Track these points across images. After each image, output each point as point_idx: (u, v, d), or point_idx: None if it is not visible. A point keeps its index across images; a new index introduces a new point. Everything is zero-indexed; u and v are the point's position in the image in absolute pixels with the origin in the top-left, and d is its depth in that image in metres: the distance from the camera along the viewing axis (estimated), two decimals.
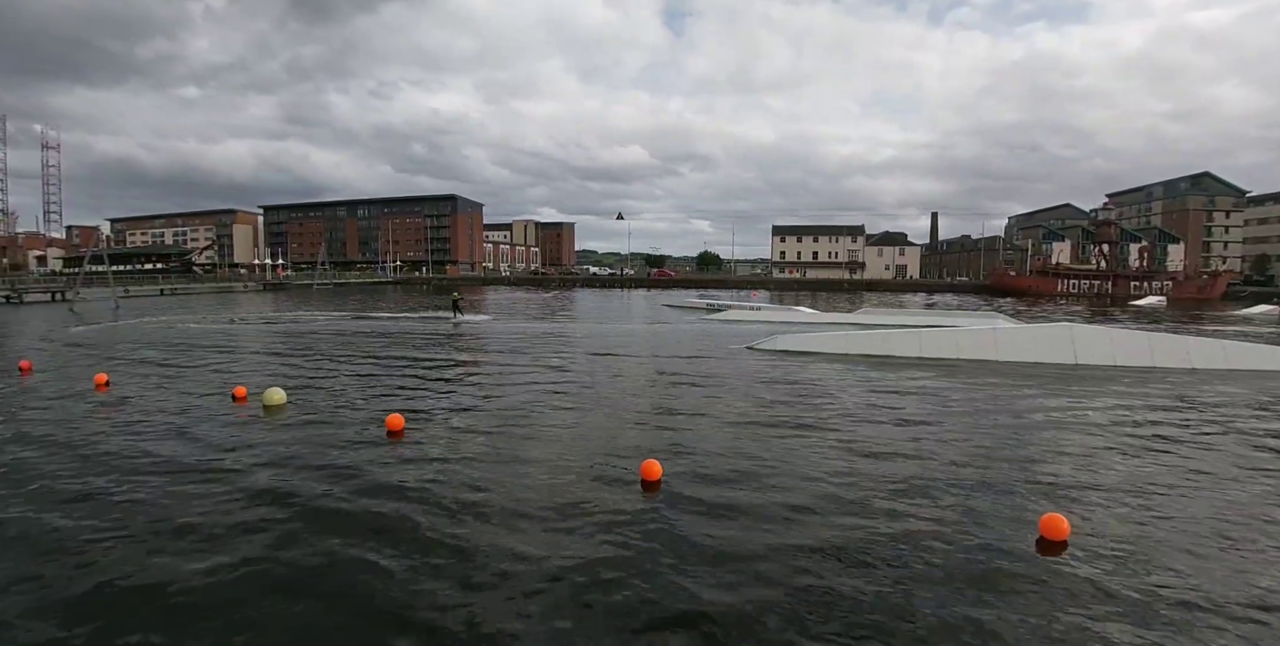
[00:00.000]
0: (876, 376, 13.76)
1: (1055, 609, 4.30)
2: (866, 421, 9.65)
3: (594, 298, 52.95)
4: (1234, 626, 4.09)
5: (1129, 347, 16.24)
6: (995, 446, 8.45)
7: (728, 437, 8.50)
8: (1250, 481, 7.09)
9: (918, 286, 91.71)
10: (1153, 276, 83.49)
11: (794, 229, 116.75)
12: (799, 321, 27.90)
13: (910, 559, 5.00)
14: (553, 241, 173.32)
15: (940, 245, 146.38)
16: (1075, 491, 6.67)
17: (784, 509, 5.99)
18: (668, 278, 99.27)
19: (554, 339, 20.51)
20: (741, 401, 10.88)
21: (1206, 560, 5.06)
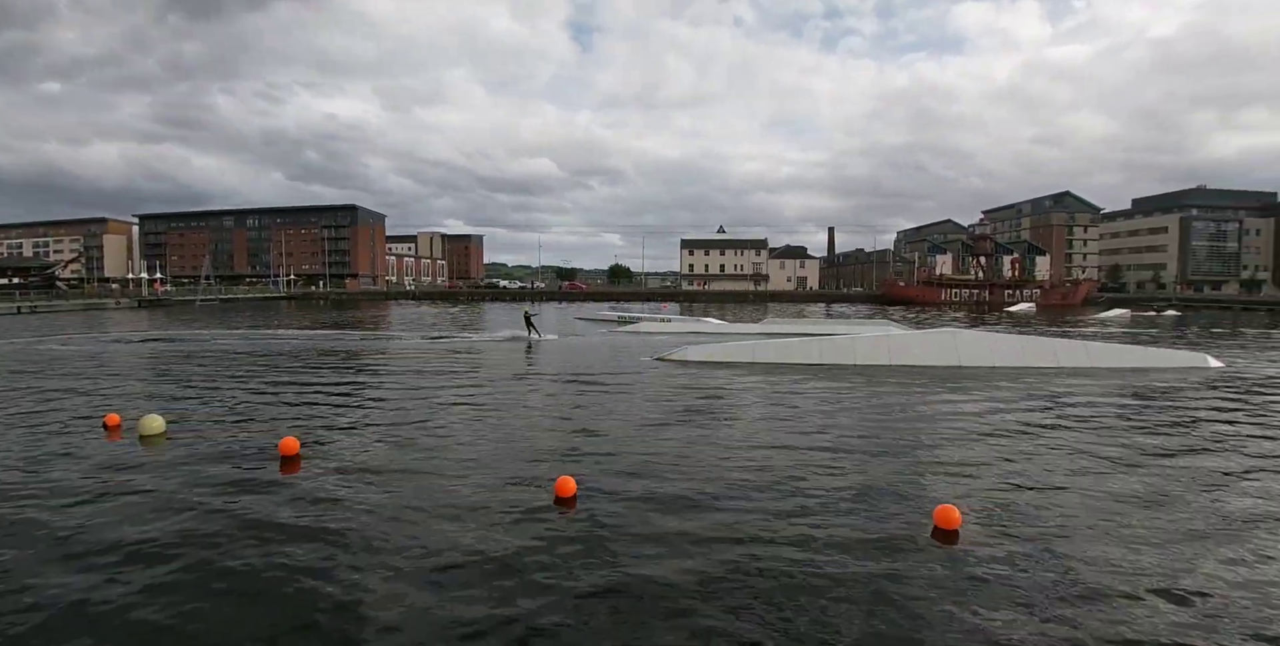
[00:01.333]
0: (780, 383, 14.28)
1: (953, 595, 4.58)
2: (771, 425, 10.00)
3: (504, 311, 51.87)
4: (1113, 602, 4.51)
5: (1005, 350, 17.74)
6: (890, 444, 8.96)
7: (640, 449, 8.52)
8: (1114, 466, 7.87)
9: (817, 297, 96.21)
10: (1023, 285, 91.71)
11: (702, 242, 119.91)
12: (708, 332, 28.72)
13: (818, 557, 5.19)
14: (460, 254, 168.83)
15: (837, 258, 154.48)
16: (963, 481, 7.17)
17: (697, 514, 6.07)
18: (579, 291, 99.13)
19: (461, 355, 19.96)
20: (651, 412, 10.97)
21: (1085, 538, 5.56)
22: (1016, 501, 6.57)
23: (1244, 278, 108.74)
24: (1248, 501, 6.64)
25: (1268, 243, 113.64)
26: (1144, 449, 8.84)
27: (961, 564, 5.09)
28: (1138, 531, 5.78)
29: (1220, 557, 5.21)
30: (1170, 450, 8.79)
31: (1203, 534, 5.73)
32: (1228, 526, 5.92)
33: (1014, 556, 5.21)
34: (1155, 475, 7.55)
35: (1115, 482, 7.23)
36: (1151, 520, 6.06)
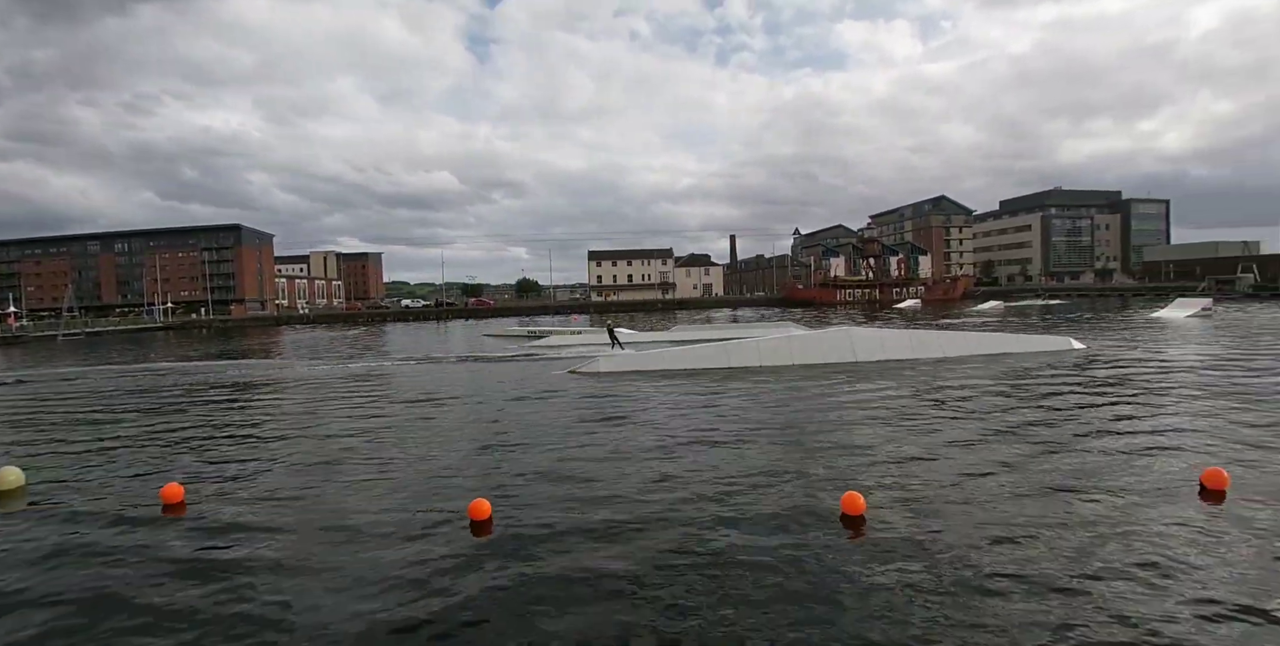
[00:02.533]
0: (692, 388, 14.60)
1: (861, 577, 4.85)
2: (684, 428, 10.19)
3: (408, 332, 50.00)
4: (1003, 567, 4.92)
5: (896, 344, 18.96)
6: (795, 437, 9.38)
7: (557, 463, 8.47)
8: (999, 441, 8.59)
9: (723, 303, 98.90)
10: (909, 283, 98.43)
11: (609, 253, 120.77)
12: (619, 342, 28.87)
13: (737, 547, 5.36)
14: (358, 274, 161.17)
15: (739, 264, 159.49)
16: (866, 468, 7.60)
17: (616, 526, 6.11)
18: (486, 306, 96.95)
19: (363, 381, 19.08)
20: (567, 426, 10.93)
21: (975, 511, 6.03)
22: (913, 483, 7.03)
23: (1098, 268, 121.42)
24: (1121, 459, 7.43)
25: (1116, 236, 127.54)
26: (1021, 425, 9.72)
27: (868, 545, 5.39)
28: (1023, 505, 6.33)
29: (1084, 514, 5.82)
30: (1043, 422, 9.71)
31: (1079, 499, 6.37)
32: (1093, 486, 6.60)
33: (913, 535, 5.58)
34: (1033, 447, 8.31)
35: (1000, 456, 7.89)
36: (1039, 495, 6.66)
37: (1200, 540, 5.37)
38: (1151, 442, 8.68)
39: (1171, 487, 6.74)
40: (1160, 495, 6.52)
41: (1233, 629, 4.02)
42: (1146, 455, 8.05)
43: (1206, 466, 6.98)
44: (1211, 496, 6.43)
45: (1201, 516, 5.93)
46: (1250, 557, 5.03)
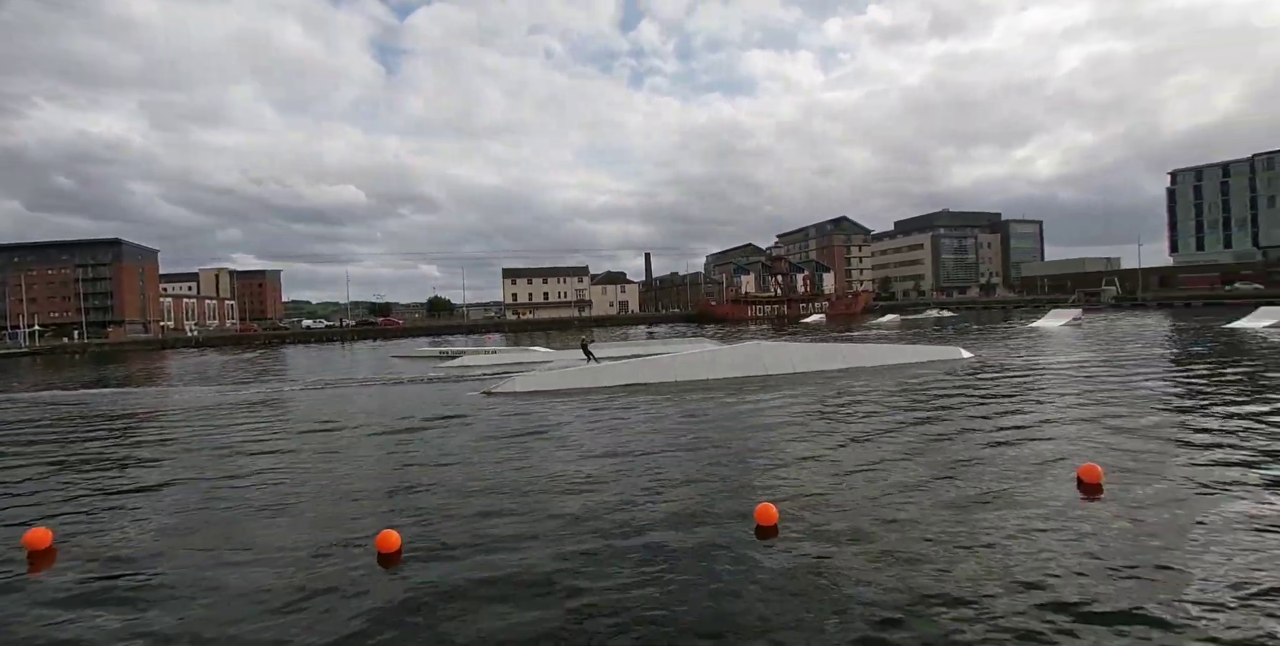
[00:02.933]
0: (609, 404, 14.56)
1: (776, 588, 4.94)
2: (603, 446, 10.13)
3: (309, 355, 47.26)
4: (908, 562, 5.13)
5: (803, 356, 19.71)
6: (711, 451, 9.51)
7: (471, 487, 8.18)
8: (897, 446, 9.02)
9: (639, 319, 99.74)
10: (815, 299, 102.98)
11: (524, 271, 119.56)
12: (535, 361, 28.46)
13: (654, 563, 5.34)
14: (254, 292, 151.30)
15: (654, 282, 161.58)
16: (778, 477, 7.79)
17: (531, 551, 5.97)
18: (395, 326, 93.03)
19: (259, 408, 17.81)
20: (483, 448, 10.59)
21: (879, 511, 6.28)
22: (822, 490, 7.27)
23: (982, 282, 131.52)
24: (1008, 459, 7.97)
25: (997, 253, 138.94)
26: (918, 430, 10.29)
27: (781, 556, 5.51)
28: (925, 508, 6.66)
29: (976, 510, 6.20)
30: (937, 427, 10.31)
31: (972, 498, 6.77)
32: (984, 484, 7.05)
33: (823, 540, 5.75)
34: (929, 450, 8.80)
35: (900, 460, 8.30)
36: (935, 493, 7.03)
37: (1078, 529, 5.82)
38: (1034, 442, 9.41)
39: (1053, 483, 7.30)
40: (1043, 490, 7.05)
41: (1105, 609, 4.37)
42: (1029, 454, 8.71)
43: (1082, 462, 7.62)
44: (1088, 489, 7.01)
45: (1079, 509, 6.45)
46: (1121, 543, 5.50)
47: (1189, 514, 6.13)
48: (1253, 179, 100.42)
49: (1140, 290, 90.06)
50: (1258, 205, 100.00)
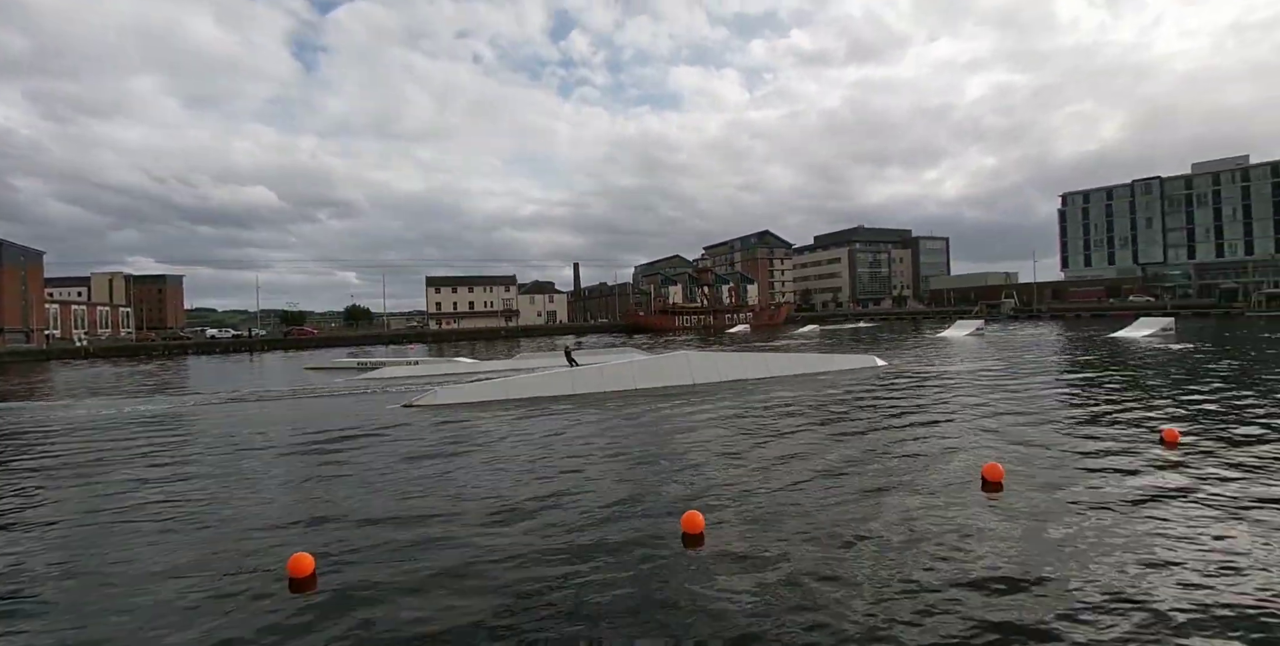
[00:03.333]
0: (537, 416, 14.37)
1: (702, 594, 4.99)
2: (529, 458, 9.97)
3: (214, 366, 44.28)
4: (829, 560, 5.28)
5: (728, 365, 20.13)
6: (640, 460, 9.53)
7: (386, 507, 7.85)
8: (817, 450, 9.31)
9: (567, 330, 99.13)
10: (739, 310, 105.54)
11: (449, 280, 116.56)
12: (459, 372, 27.76)
13: (582, 569, 5.29)
14: (153, 299, 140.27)
15: (583, 292, 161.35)
16: (704, 484, 7.88)
17: (453, 566, 5.79)
18: (309, 336, 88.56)
19: (156, 424, 16.52)
20: (401, 463, 10.19)
21: (802, 514, 6.45)
22: (747, 494, 7.41)
23: (895, 295, 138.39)
24: (920, 461, 8.36)
25: (908, 268, 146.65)
26: (837, 434, 10.68)
27: (706, 562, 5.57)
28: (845, 509, 6.90)
29: (891, 508, 6.48)
30: (854, 431, 10.73)
31: (888, 498, 7.06)
32: (897, 484, 7.38)
33: (749, 545, 5.86)
34: (848, 453, 9.13)
35: (822, 463, 8.58)
36: (854, 495, 7.29)
37: (978, 524, 6.18)
38: (942, 443, 9.96)
39: (959, 482, 7.75)
40: (950, 489, 7.46)
41: (1006, 593, 4.66)
42: (938, 454, 9.21)
43: (986, 462, 8.11)
44: (991, 487, 7.47)
45: (980, 502, 6.86)
46: (1020, 535, 5.87)
47: (1078, 505, 6.62)
48: (1133, 202, 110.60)
49: (1035, 302, 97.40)
50: (1137, 226, 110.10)
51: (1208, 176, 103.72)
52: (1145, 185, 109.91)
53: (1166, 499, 6.89)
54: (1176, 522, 6.15)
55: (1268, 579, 4.87)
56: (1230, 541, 5.64)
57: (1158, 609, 4.47)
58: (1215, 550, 5.46)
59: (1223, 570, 5.06)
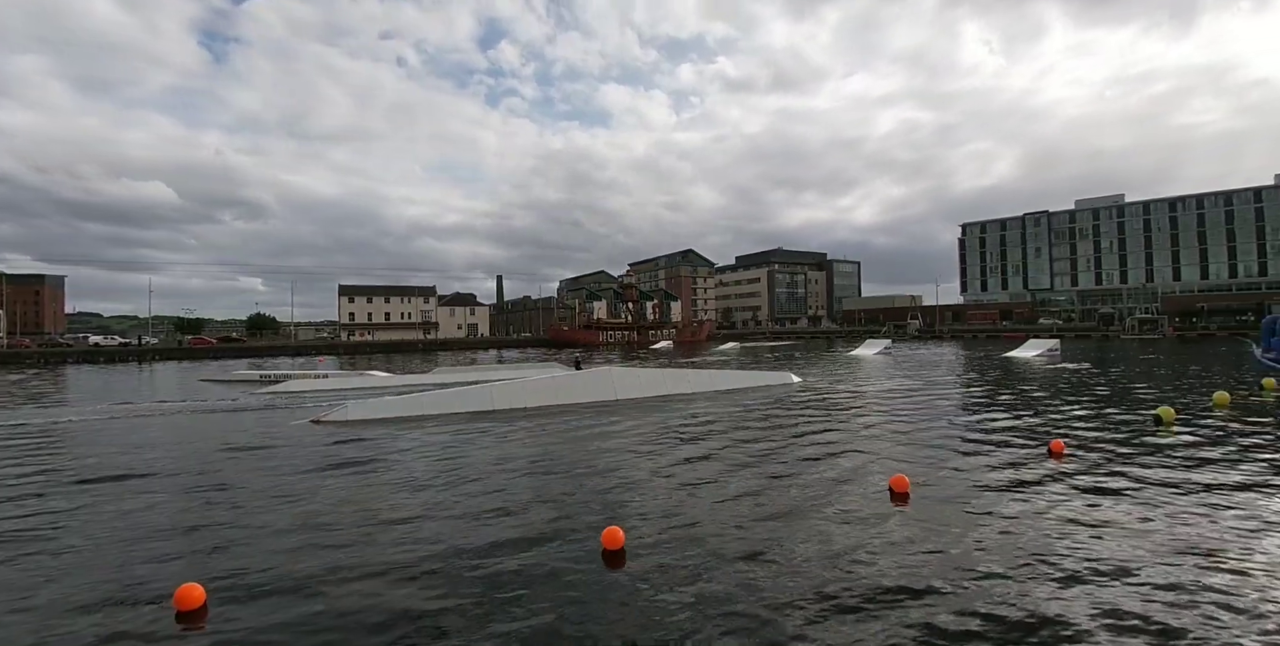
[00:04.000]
0: (453, 431, 13.96)
1: (623, 611, 4.94)
2: (444, 476, 9.65)
3: (98, 376, 40.50)
4: (747, 572, 5.35)
5: (652, 381, 20.26)
6: (558, 475, 9.41)
7: (287, 531, 7.36)
8: (735, 465, 9.48)
9: (489, 344, 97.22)
10: (663, 326, 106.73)
11: (364, 289, 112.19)
12: (372, 386, 26.60)
13: (500, 591, 5.14)
14: (28, 301, 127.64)
15: (506, 305, 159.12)
16: (625, 500, 7.86)
17: (363, 595, 5.52)
18: (208, 346, 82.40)
19: (28, 440, 14.91)
20: (302, 485, 9.58)
21: (721, 529, 6.52)
22: (667, 511, 7.44)
23: (810, 314, 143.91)
24: (832, 473, 8.64)
25: (823, 289, 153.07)
26: (754, 449, 10.91)
27: (628, 580, 5.54)
28: (761, 521, 7.03)
29: (803, 518, 6.66)
30: (770, 446, 11.01)
31: (803, 510, 7.25)
32: (811, 495, 7.60)
33: (669, 560, 5.88)
34: (764, 467, 9.35)
35: (739, 478, 8.73)
36: (770, 506, 7.45)
37: (888, 533, 6.45)
38: (852, 457, 10.38)
39: (869, 493, 8.08)
40: (861, 499, 7.78)
41: (916, 598, 4.87)
42: (849, 467, 9.58)
43: (893, 474, 8.50)
44: (898, 498, 7.83)
45: (888, 513, 7.16)
46: (926, 543, 6.16)
47: (977, 514, 7.02)
48: (1024, 233, 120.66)
49: (938, 324, 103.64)
50: (1028, 255, 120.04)
51: (1089, 212, 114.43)
52: (1035, 218, 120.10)
53: (1054, 506, 7.41)
54: (1063, 527, 6.62)
55: (1147, 577, 5.32)
56: (1111, 544, 6.12)
57: (1052, 611, 4.79)
58: (1099, 552, 5.90)
59: (1107, 571, 5.48)
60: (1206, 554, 5.85)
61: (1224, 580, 5.26)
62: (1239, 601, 4.87)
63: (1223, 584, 5.19)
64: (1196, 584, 5.20)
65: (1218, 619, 4.61)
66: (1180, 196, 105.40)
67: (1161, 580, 5.29)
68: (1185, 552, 5.90)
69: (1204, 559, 5.73)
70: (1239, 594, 5.00)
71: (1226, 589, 5.10)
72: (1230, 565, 5.57)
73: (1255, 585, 5.16)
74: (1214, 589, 5.10)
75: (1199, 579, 5.29)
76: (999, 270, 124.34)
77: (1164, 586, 5.18)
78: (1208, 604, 4.85)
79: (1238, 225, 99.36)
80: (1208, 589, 5.10)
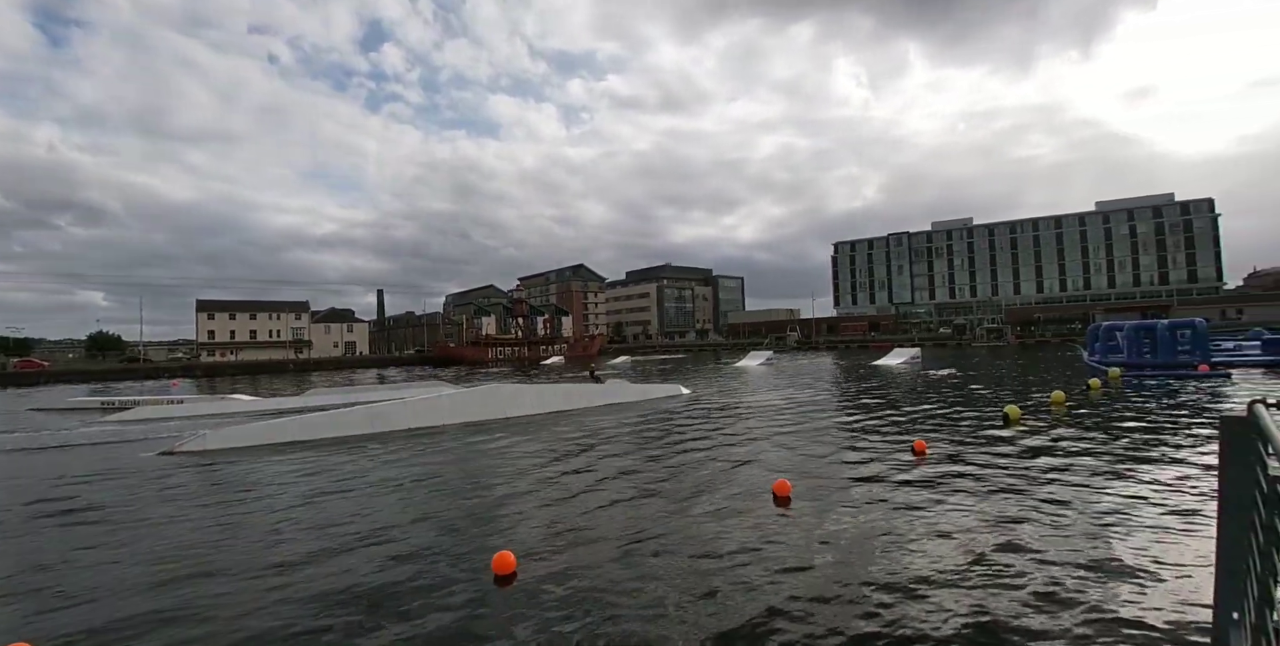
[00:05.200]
0: (329, 458, 13.11)
1: (510, 635, 4.84)
2: (316, 505, 9.05)
3: None
4: (639, 576, 5.38)
5: (543, 398, 20.03)
6: (447, 498, 9.09)
7: (132, 579, 6.59)
8: (628, 476, 9.55)
9: (369, 362, 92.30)
10: (554, 341, 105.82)
11: (226, 304, 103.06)
12: (236, 411, 24.35)
13: (387, 626, 4.87)
14: None
15: (388, 321, 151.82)
16: (520, 521, 7.71)
17: (227, 634, 5.06)
18: (37, 369, 72.15)
19: None
20: (151, 525, 8.60)
21: (615, 540, 6.53)
22: (561, 528, 7.37)
23: (698, 328, 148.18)
24: (721, 481, 8.90)
25: (709, 303, 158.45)
26: (647, 460, 11.09)
27: (518, 605, 5.43)
28: (655, 529, 7.12)
29: (695, 524, 6.83)
30: (662, 456, 11.21)
31: (693, 517, 7.42)
32: (701, 502, 7.80)
33: (563, 582, 5.82)
34: (657, 476, 9.50)
35: (633, 488, 8.82)
36: (661, 516, 7.56)
37: (769, 533, 6.76)
38: (740, 462, 10.86)
39: (754, 497, 8.45)
40: (747, 503, 8.14)
41: (787, 589, 5.13)
42: (735, 474, 9.99)
43: (776, 478, 8.92)
44: (780, 501, 8.25)
45: (773, 516, 7.50)
46: (807, 543, 6.50)
47: (852, 512, 7.50)
48: (888, 252, 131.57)
49: (815, 335, 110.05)
50: (891, 272, 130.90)
51: (943, 232, 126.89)
52: (897, 238, 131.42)
53: (919, 500, 8.05)
54: (928, 518, 7.21)
55: (1005, 560, 5.89)
56: (972, 533, 6.72)
57: (927, 594, 5.20)
58: (961, 542, 6.47)
59: (971, 559, 6.02)
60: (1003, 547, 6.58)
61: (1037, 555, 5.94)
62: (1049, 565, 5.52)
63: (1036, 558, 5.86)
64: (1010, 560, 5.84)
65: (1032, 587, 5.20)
66: (1019, 220, 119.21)
67: (1004, 561, 5.89)
68: (1010, 537, 6.61)
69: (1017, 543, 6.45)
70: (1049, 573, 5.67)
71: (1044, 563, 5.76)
72: (1034, 545, 6.30)
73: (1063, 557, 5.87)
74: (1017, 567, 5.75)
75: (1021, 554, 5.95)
76: (867, 285, 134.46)
77: (1003, 565, 5.77)
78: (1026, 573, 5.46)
79: (1066, 245, 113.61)
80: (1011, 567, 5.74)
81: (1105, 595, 5.21)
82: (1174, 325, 29.35)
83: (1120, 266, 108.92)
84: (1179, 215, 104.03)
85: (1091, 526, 6.96)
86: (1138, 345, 29.08)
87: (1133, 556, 6.02)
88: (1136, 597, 5.12)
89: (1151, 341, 28.56)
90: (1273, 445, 2.05)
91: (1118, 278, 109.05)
